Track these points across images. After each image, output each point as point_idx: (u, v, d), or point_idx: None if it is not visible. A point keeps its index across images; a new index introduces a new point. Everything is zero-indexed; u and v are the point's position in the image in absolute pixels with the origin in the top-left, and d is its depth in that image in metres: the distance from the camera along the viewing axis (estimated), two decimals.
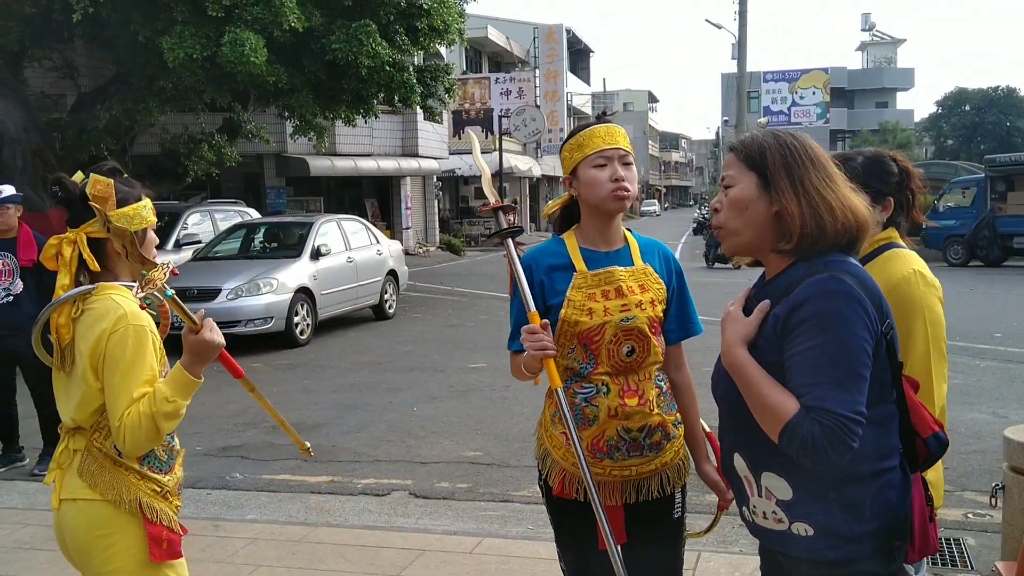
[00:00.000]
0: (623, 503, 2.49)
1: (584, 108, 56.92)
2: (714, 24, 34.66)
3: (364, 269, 13.61)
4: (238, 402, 8.36)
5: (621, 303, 2.43)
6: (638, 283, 2.48)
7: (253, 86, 15.50)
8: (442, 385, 8.89)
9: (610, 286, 2.45)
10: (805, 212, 1.87)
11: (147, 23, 13.68)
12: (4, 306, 5.93)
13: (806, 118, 48.59)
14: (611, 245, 2.53)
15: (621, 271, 2.47)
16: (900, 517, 1.86)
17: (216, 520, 5.08)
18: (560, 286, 2.48)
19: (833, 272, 1.82)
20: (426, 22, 15.76)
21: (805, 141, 1.95)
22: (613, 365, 2.43)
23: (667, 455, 2.51)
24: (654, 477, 2.50)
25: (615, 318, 2.42)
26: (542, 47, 44.84)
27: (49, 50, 17.78)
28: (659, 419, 2.47)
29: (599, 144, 2.46)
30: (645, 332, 2.44)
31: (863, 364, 1.77)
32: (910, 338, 2.41)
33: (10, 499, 5.58)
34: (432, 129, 29.61)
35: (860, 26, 74.93)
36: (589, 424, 2.44)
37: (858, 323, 1.77)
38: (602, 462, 2.45)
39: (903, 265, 2.50)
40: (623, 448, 2.44)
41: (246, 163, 22.02)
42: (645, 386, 2.45)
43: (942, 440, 1.93)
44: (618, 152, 2.46)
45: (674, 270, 2.59)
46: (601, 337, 2.42)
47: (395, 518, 5.12)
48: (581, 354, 2.45)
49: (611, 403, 2.42)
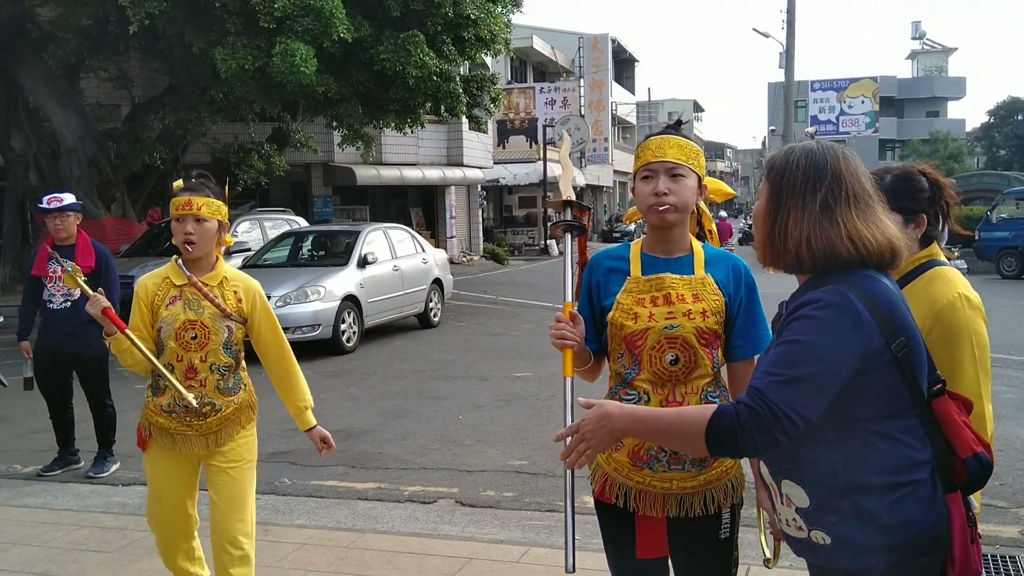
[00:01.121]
0: (665, 516, 2.46)
1: (629, 118, 56.78)
2: (761, 33, 34.44)
3: (410, 277, 13.70)
4: (286, 408, 8.45)
5: (668, 310, 2.41)
6: (692, 292, 2.44)
7: (302, 96, 15.74)
8: (487, 394, 8.91)
9: (659, 293, 2.44)
10: (777, 235, 1.93)
11: (201, 35, 13.96)
12: (63, 311, 6.07)
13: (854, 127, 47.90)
14: (671, 253, 2.51)
15: (674, 279, 2.45)
16: (929, 533, 1.85)
17: (265, 525, 5.13)
18: (614, 288, 2.50)
19: (842, 286, 1.85)
20: (473, 32, 15.88)
21: (813, 162, 1.94)
22: (655, 373, 2.41)
23: (712, 473, 2.45)
24: (697, 494, 2.44)
25: (659, 324, 2.40)
26: (587, 57, 44.86)
27: (105, 61, 18.24)
28: None
29: (648, 157, 2.46)
30: (691, 342, 2.39)
31: (829, 375, 1.79)
32: (959, 363, 2.38)
33: (66, 501, 5.70)
34: (477, 139, 29.76)
35: (910, 34, 73.87)
36: None
37: (843, 338, 1.80)
38: (642, 471, 2.44)
39: (947, 289, 2.46)
40: (663, 460, 2.41)
41: (294, 172, 22.35)
42: (691, 400, 2.40)
43: (984, 461, 1.89)
44: (664, 165, 2.43)
45: (744, 283, 2.51)
46: (644, 342, 2.41)
47: (441, 526, 5.14)
48: (628, 359, 2.45)
49: None
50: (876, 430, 1.85)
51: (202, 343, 3.28)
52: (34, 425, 7.61)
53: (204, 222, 3.26)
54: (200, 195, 3.27)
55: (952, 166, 55.51)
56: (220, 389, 3.35)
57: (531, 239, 37.30)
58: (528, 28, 38.10)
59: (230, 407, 3.38)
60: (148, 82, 19.93)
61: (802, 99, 46.02)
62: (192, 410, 3.30)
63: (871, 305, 1.83)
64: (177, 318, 3.27)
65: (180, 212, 3.23)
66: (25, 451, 7.02)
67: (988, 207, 24.92)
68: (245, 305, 3.36)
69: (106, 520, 5.27)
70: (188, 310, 3.28)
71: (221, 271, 3.38)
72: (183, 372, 3.30)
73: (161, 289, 3.34)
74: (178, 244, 3.29)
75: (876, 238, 1.88)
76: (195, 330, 3.27)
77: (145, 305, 3.34)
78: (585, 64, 44.86)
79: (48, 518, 5.32)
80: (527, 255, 35.10)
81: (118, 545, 4.80)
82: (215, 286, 3.34)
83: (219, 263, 3.39)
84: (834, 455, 1.87)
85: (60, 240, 6.11)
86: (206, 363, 3.31)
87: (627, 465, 2.46)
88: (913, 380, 1.86)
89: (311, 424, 3.49)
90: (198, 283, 3.31)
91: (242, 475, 3.39)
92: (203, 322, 3.28)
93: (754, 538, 2.98)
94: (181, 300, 3.30)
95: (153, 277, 3.38)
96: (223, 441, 3.36)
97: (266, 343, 3.42)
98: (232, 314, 3.32)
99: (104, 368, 6.31)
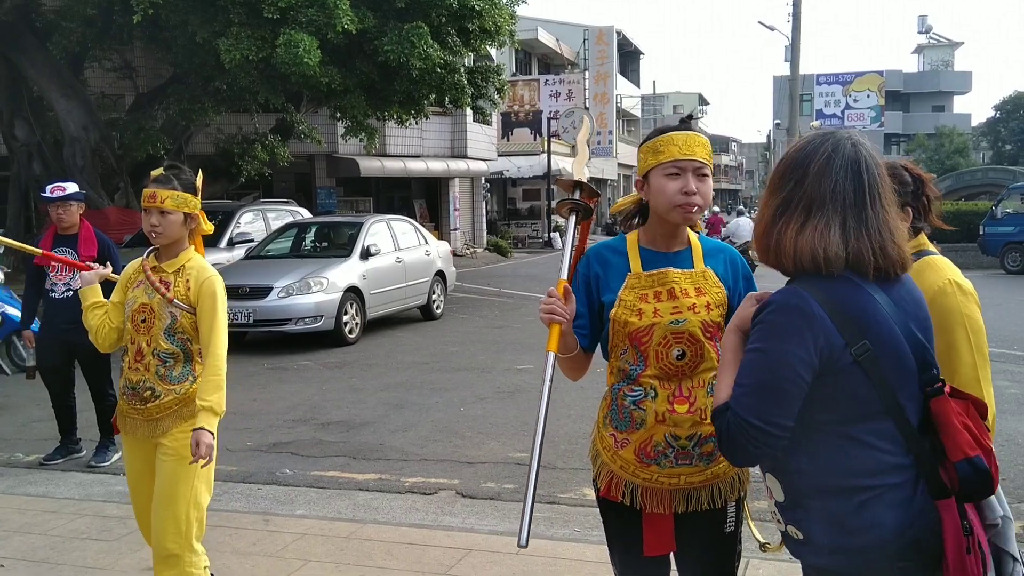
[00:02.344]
0: (672, 512, 2.45)
1: (633, 111, 56.65)
2: (767, 26, 34.35)
3: (412, 269, 13.70)
4: (288, 399, 8.48)
5: (672, 305, 2.40)
6: (694, 286, 2.44)
7: (306, 87, 15.71)
8: (489, 386, 8.91)
9: (663, 288, 2.42)
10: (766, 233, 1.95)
11: (204, 25, 13.93)
12: (65, 300, 6.08)
13: (860, 121, 47.82)
14: (672, 247, 2.49)
15: (676, 273, 2.44)
16: (904, 538, 1.83)
17: (266, 515, 5.15)
18: (614, 284, 2.48)
19: (801, 286, 1.85)
20: (477, 24, 15.82)
21: (791, 158, 1.95)
22: (662, 368, 2.39)
23: (720, 466, 2.44)
24: (704, 488, 2.44)
25: (665, 320, 2.38)
26: (592, 49, 44.73)
27: (109, 51, 18.20)
28: (711, 429, 2.35)
29: (675, 153, 2.39)
30: (697, 336, 2.38)
31: (787, 379, 1.81)
32: (954, 349, 2.38)
33: (67, 490, 5.72)
34: (481, 131, 29.72)
35: (917, 28, 73.68)
36: (637, 428, 2.42)
37: (795, 339, 1.81)
38: (649, 467, 2.42)
39: (937, 276, 2.46)
40: (671, 455, 2.40)
41: (298, 163, 22.33)
42: (697, 393, 2.39)
43: (978, 466, 1.81)
44: (693, 164, 2.39)
45: (741, 274, 2.52)
46: (649, 339, 2.39)
47: (442, 517, 5.15)
48: (632, 355, 2.43)
49: (659, 408, 2.39)
50: (842, 433, 1.85)
51: (148, 326, 3.38)
52: (36, 414, 7.64)
53: (168, 214, 3.35)
54: (166, 188, 3.34)
55: (957, 161, 55.37)
56: (160, 375, 3.37)
57: (535, 232, 37.26)
58: (533, 20, 38.04)
59: (170, 395, 3.36)
60: (152, 72, 19.91)
61: (807, 93, 45.95)
62: (136, 392, 3.39)
63: (832, 306, 1.82)
64: (136, 300, 3.41)
65: (145, 204, 3.35)
66: (27, 440, 7.04)
67: (993, 202, 24.85)
68: (192, 294, 3.38)
69: (107, 509, 5.28)
70: (144, 294, 3.40)
71: (183, 259, 3.43)
72: (133, 354, 3.42)
73: (135, 273, 3.49)
74: (145, 233, 3.41)
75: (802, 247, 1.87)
76: (145, 313, 3.38)
77: (121, 285, 3.52)
78: (590, 56, 44.72)
79: (50, 506, 5.33)
80: (531, 248, 35.07)
81: (119, 534, 4.81)
82: (171, 273, 3.41)
83: (186, 252, 3.45)
84: (801, 456, 1.88)
85: (63, 229, 6.12)
86: (150, 347, 3.38)
87: (633, 462, 2.44)
88: (882, 383, 1.82)
89: (199, 424, 3.22)
90: (148, 268, 3.42)
91: (173, 470, 3.31)
92: (152, 306, 3.37)
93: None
94: (143, 285, 3.42)
95: (135, 262, 3.53)
96: (163, 432, 3.35)
97: (202, 331, 3.38)
98: (175, 300, 3.35)
99: (106, 357, 6.31)
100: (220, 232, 14.14)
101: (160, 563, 3.34)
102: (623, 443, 2.44)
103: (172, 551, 3.30)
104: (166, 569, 3.33)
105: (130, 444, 3.49)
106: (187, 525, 3.31)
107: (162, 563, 3.33)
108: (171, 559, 3.31)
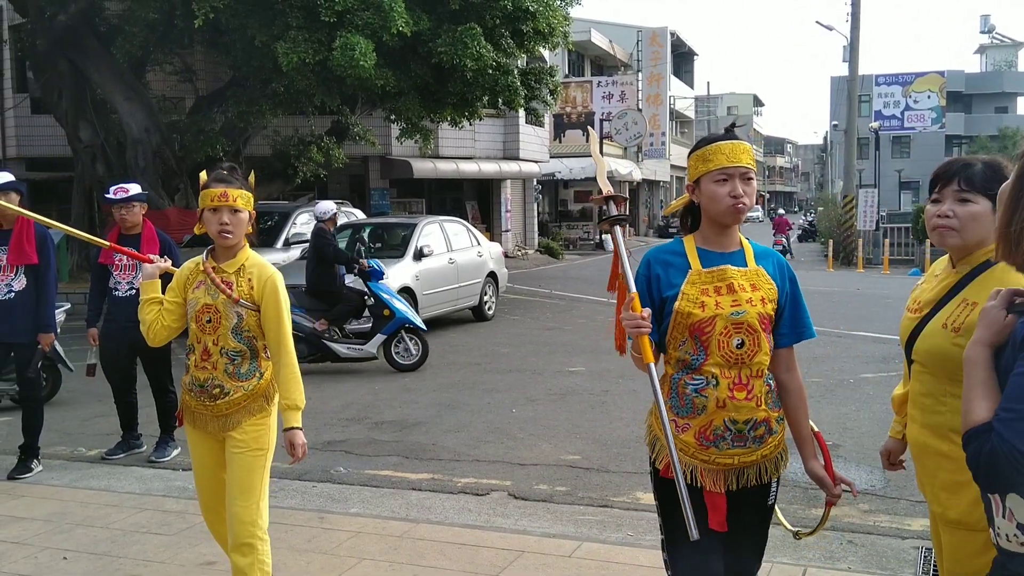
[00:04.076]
0: (726, 489, 2.63)
1: (687, 112, 56.17)
2: (825, 26, 33.81)
3: (465, 270, 13.75)
4: (342, 398, 8.56)
5: (732, 299, 2.60)
6: (750, 282, 2.64)
7: (361, 89, 15.87)
8: (540, 388, 8.90)
9: (722, 283, 2.62)
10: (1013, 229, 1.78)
11: (263, 28, 14.15)
12: (128, 298, 6.21)
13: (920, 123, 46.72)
14: (726, 248, 2.69)
15: (734, 270, 2.64)
16: None
17: (321, 512, 5.20)
18: (676, 280, 2.65)
19: None
20: (531, 25, 15.84)
21: None
22: (724, 356, 2.58)
23: (767, 448, 2.66)
24: (752, 467, 2.65)
25: (726, 311, 2.58)
26: (645, 50, 44.44)
27: (170, 55, 18.61)
28: (765, 414, 2.62)
29: (723, 162, 2.61)
30: (755, 327, 2.59)
31: None
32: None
33: (128, 484, 5.83)
34: (533, 132, 29.72)
35: (979, 28, 71.90)
36: (698, 414, 2.61)
37: None
38: (708, 450, 2.61)
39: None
40: (728, 439, 2.60)
41: (352, 165, 22.56)
42: (755, 382, 2.60)
43: None
44: (739, 170, 2.61)
45: (788, 276, 2.73)
46: (712, 329, 2.58)
47: (494, 518, 5.15)
48: (692, 346, 2.61)
49: (720, 395, 2.58)
50: None
51: (215, 327, 3.40)
52: (98, 409, 7.82)
53: (239, 212, 3.38)
54: (235, 187, 3.38)
55: None
56: (229, 373, 3.42)
57: (586, 233, 37.16)
58: (586, 21, 37.90)
59: (239, 392, 3.42)
60: (211, 75, 20.29)
61: (866, 94, 45.05)
62: (204, 390, 3.43)
63: None
64: (198, 301, 3.43)
65: (216, 203, 3.34)
66: (90, 435, 7.21)
67: None
68: (256, 292, 3.42)
69: (167, 503, 5.38)
70: (207, 295, 3.41)
71: (241, 259, 3.46)
72: (200, 353, 3.45)
73: (193, 274, 3.50)
74: (212, 234, 3.40)
75: None
76: (209, 314, 3.40)
77: (178, 286, 3.53)
78: (643, 58, 44.42)
79: (111, 500, 5.45)
80: (582, 249, 34.98)
81: (178, 528, 4.90)
82: (232, 273, 3.43)
83: (243, 251, 3.48)
84: None
85: (126, 229, 6.25)
86: (217, 346, 3.41)
87: (694, 445, 2.62)
88: None
89: (290, 424, 3.41)
90: (209, 269, 3.44)
91: (247, 462, 3.42)
92: (216, 307, 3.39)
93: None
94: (204, 285, 3.44)
95: (190, 263, 3.56)
96: (232, 426, 3.43)
97: (269, 332, 3.44)
98: (241, 300, 3.39)
99: (167, 354, 6.44)
100: (276, 233, 14.35)
101: (236, 551, 3.40)
102: (684, 428, 2.63)
103: (247, 540, 3.38)
104: (242, 557, 3.39)
105: (197, 438, 3.55)
106: (259, 514, 3.42)
107: (237, 551, 3.39)
108: (246, 547, 3.39)
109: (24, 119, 22.35)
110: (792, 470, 5.88)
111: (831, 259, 28.95)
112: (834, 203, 37.35)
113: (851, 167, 30.63)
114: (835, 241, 29.57)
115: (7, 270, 5.86)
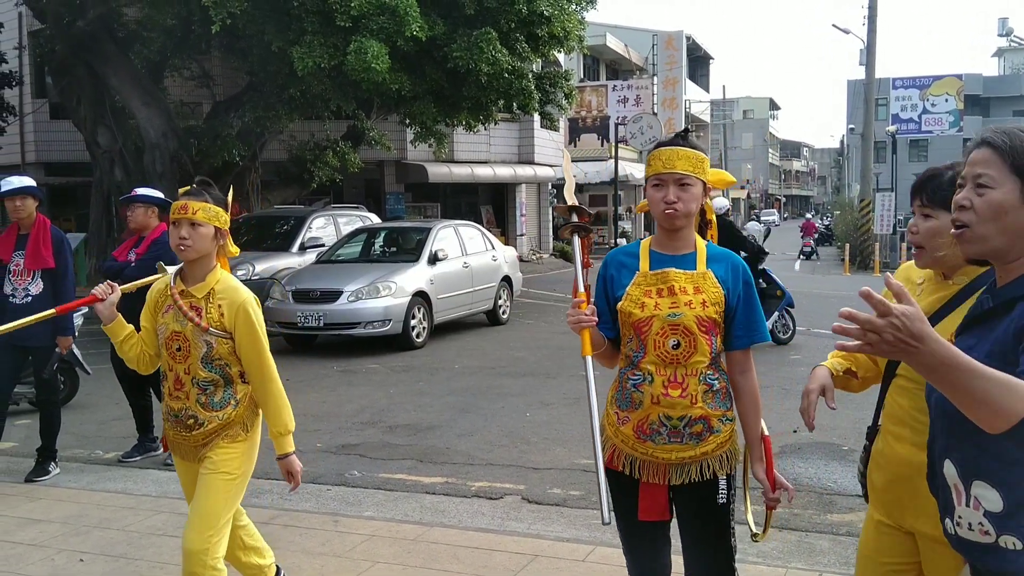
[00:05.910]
0: (667, 483, 2.76)
1: (703, 116, 56.08)
2: (841, 29, 33.72)
3: (479, 274, 13.76)
4: (356, 402, 8.59)
5: (671, 301, 2.72)
6: (693, 285, 2.74)
7: (377, 94, 15.92)
8: (554, 392, 8.90)
9: (664, 285, 2.75)
10: None
11: (279, 33, 14.23)
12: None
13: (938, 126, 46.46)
14: (678, 251, 2.81)
15: (677, 273, 2.76)
16: None
17: (335, 515, 5.22)
18: (625, 281, 2.83)
19: None
20: (546, 29, 15.85)
21: None
22: (659, 356, 2.71)
23: (709, 446, 2.74)
24: (695, 463, 2.74)
25: (663, 312, 2.71)
26: (661, 54, 44.39)
27: (188, 60, 18.73)
28: (701, 412, 2.71)
29: (658, 167, 2.75)
30: (692, 329, 2.69)
31: None
32: None
33: (144, 487, 5.87)
34: (548, 137, 29.74)
35: (997, 31, 71.50)
36: (635, 408, 2.75)
37: None
38: (645, 443, 2.75)
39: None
40: (664, 434, 2.72)
41: (368, 169, 22.63)
42: (690, 380, 2.70)
43: None
44: (673, 176, 2.72)
45: (742, 279, 2.81)
46: (649, 328, 2.72)
47: (508, 522, 5.15)
48: (635, 344, 2.76)
49: (655, 391, 2.71)
50: None
51: (184, 355, 3.23)
52: (115, 413, 7.87)
53: (199, 227, 3.16)
54: (197, 200, 3.19)
55: None
56: (202, 403, 3.24)
57: (601, 237, 37.09)
58: (601, 26, 37.91)
59: (213, 422, 3.25)
60: (228, 80, 20.41)
61: (883, 97, 44.81)
62: (179, 420, 3.28)
63: None
64: (168, 327, 3.25)
65: (175, 216, 3.16)
66: (107, 437, 7.27)
67: None
68: (227, 320, 3.21)
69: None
70: (175, 321, 3.23)
71: (211, 282, 3.25)
72: (173, 382, 3.28)
73: (162, 297, 3.32)
74: (172, 247, 3.22)
75: None
76: (178, 342, 3.23)
77: (148, 310, 3.35)
78: (659, 62, 44.36)
79: (128, 503, 5.49)
80: (597, 254, 34.93)
81: None
82: (201, 298, 3.23)
83: (213, 273, 3.27)
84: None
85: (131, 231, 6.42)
86: (189, 375, 3.24)
87: (632, 437, 2.77)
88: None
89: (284, 451, 3.28)
90: (176, 294, 3.24)
91: (211, 484, 3.22)
92: (185, 334, 3.21)
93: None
94: (172, 310, 3.25)
95: (160, 284, 3.37)
96: (210, 448, 3.28)
97: (247, 361, 3.26)
98: (210, 328, 3.19)
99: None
100: (292, 237, 14.43)
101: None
102: (624, 420, 2.79)
103: (194, 570, 3.15)
104: None
105: (182, 467, 3.44)
106: (214, 544, 3.20)
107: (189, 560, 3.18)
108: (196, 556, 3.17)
109: (43, 124, 22.57)
110: (808, 475, 5.89)
111: (847, 263, 28.82)
112: (851, 207, 37.22)
113: (868, 171, 30.50)
114: (852, 245, 29.43)
115: (24, 274, 5.90)
